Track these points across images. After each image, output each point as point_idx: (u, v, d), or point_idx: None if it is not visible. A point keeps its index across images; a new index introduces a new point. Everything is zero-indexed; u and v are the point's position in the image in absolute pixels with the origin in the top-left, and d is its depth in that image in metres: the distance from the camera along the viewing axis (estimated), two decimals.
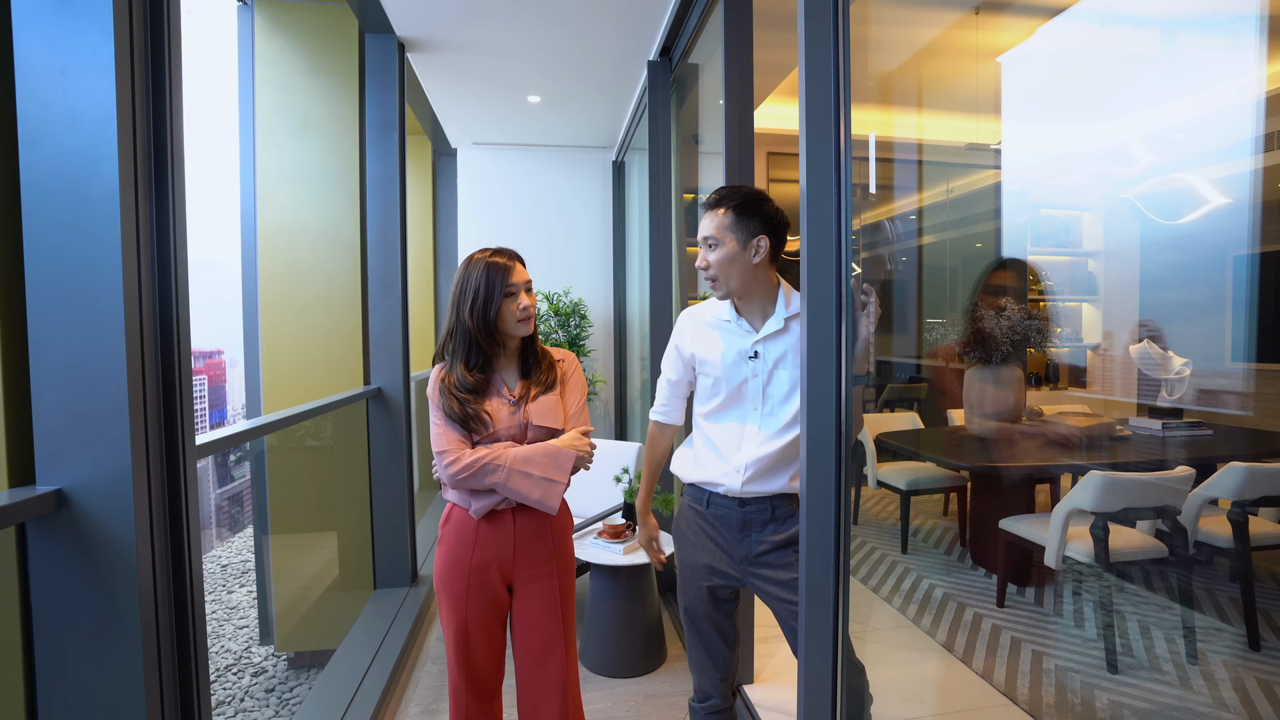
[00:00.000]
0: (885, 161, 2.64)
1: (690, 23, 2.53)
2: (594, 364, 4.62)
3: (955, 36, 2.35)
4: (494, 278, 1.40)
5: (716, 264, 1.33)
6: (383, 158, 2.85)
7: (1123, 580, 1.53)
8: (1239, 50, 1.17)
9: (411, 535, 2.98)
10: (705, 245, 1.34)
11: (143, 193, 1.03)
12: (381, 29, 2.78)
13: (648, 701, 2.20)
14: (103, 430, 0.99)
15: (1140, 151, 1.45)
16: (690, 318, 1.49)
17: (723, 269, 1.33)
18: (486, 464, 1.36)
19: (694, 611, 1.45)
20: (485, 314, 1.40)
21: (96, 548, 1.00)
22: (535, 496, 1.38)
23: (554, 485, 1.39)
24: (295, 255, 2.86)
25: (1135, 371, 1.45)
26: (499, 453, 1.38)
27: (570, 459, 1.41)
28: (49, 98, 0.96)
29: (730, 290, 1.35)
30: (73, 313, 0.98)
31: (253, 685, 3.28)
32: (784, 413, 1.34)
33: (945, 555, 2.54)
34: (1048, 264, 1.81)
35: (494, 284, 1.40)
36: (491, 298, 1.39)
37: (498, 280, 1.40)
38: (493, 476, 1.36)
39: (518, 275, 1.43)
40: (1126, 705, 1.50)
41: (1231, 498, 1.29)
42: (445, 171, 4.86)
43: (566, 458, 1.40)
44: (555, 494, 1.39)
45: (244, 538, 6.03)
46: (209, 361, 39.12)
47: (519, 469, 1.37)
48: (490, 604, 1.45)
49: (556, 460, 1.40)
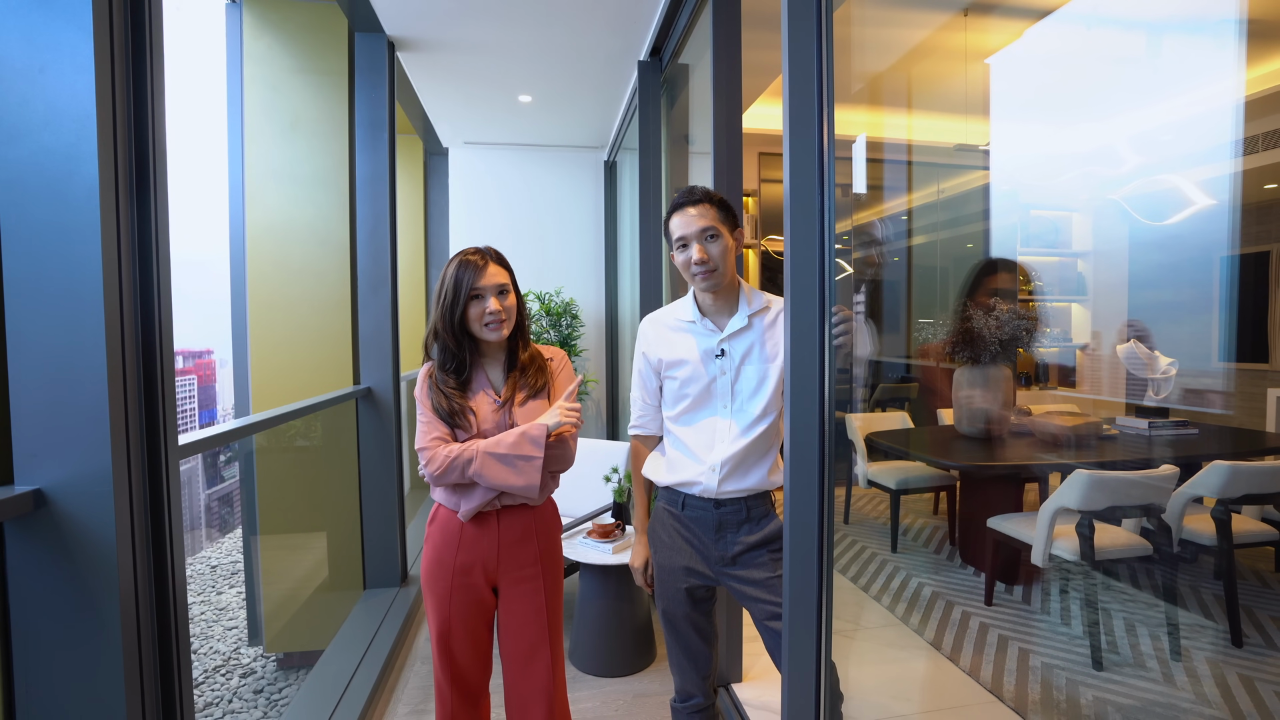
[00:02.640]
0: (876, 162, 2.65)
1: (680, 23, 2.53)
2: (585, 364, 4.62)
3: (944, 38, 2.36)
4: (461, 278, 1.38)
5: (720, 255, 1.33)
6: (372, 157, 2.84)
7: (1108, 578, 1.54)
8: (1221, 54, 1.19)
9: (401, 535, 2.97)
10: (704, 238, 1.33)
11: (124, 191, 1.02)
12: (371, 28, 2.77)
13: (637, 700, 2.20)
14: (83, 429, 0.98)
15: (1127, 153, 1.47)
16: (653, 323, 1.48)
17: (724, 260, 1.34)
18: (457, 457, 1.35)
19: (673, 614, 1.45)
20: (452, 316, 1.38)
21: (76, 549, 0.99)
22: (516, 483, 1.35)
23: (528, 463, 1.34)
24: (284, 255, 2.84)
25: (1123, 371, 1.46)
26: (472, 444, 1.37)
27: (542, 430, 1.36)
28: (26, 95, 0.95)
29: (726, 282, 1.36)
30: (51, 311, 0.97)
31: (241, 686, 3.26)
32: (753, 407, 1.35)
33: (934, 554, 2.56)
34: (1037, 264, 1.82)
35: (460, 285, 1.38)
36: (458, 300, 1.38)
37: (464, 281, 1.38)
38: (469, 467, 1.35)
39: (487, 278, 1.39)
40: (1111, 702, 1.51)
41: (1215, 496, 1.30)
42: (436, 171, 4.84)
43: (538, 429, 1.36)
44: (532, 473, 1.35)
45: (233, 538, 5.99)
46: (199, 361, 38.86)
47: (489, 451, 1.35)
48: (474, 605, 1.44)
49: (527, 433, 1.36)
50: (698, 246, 1.33)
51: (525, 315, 1.51)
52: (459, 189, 4.54)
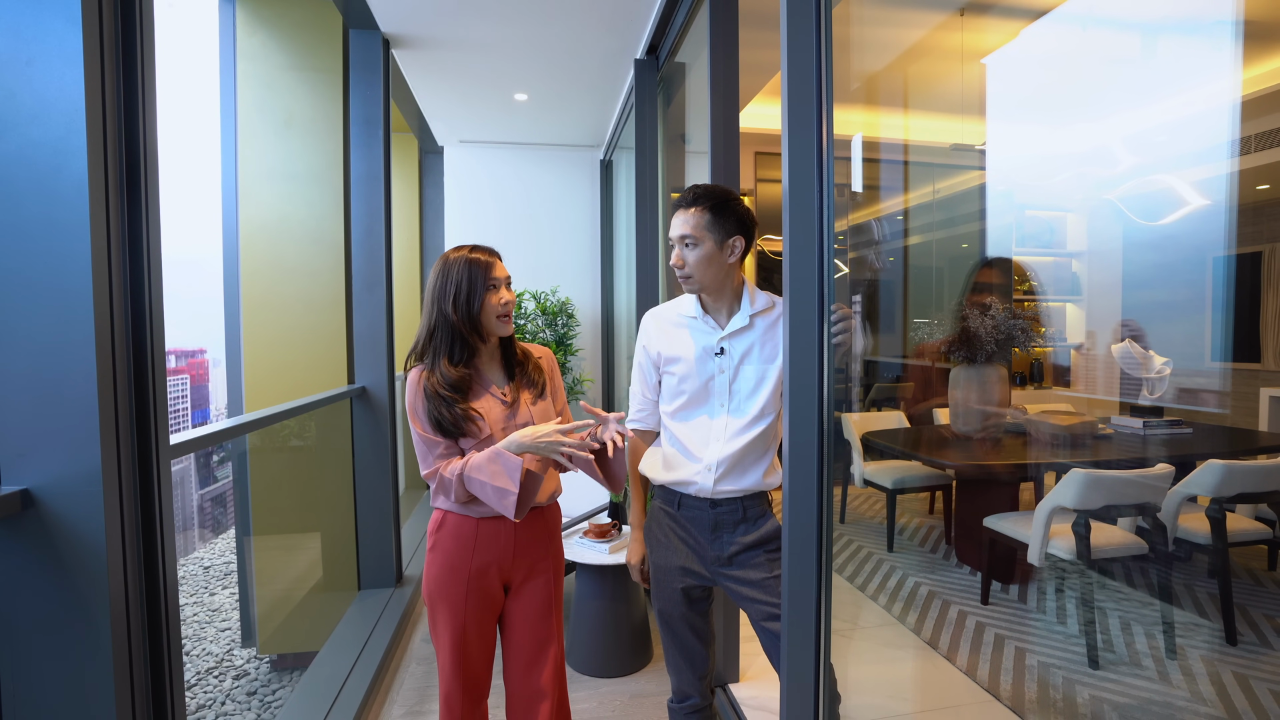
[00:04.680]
0: (872, 162, 2.66)
1: (676, 21, 2.52)
2: (581, 363, 4.61)
3: (940, 38, 2.36)
4: (476, 272, 1.39)
5: (694, 264, 1.33)
6: (367, 155, 2.82)
7: (1104, 577, 1.55)
8: (1216, 54, 1.19)
9: (396, 535, 2.95)
10: (682, 244, 1.33)
11: (114, 186, 1.01)
12: (366, 25, 2.75)
13: (634, 701, 2.20)
14: (71, 429, 0.97)
15: (1122, 153, 1.47)
16: (654, 317, 1.48)
17: (699, 268, 1.33)
18: (448, 479, 1.33)
19: (669, 614, 1.44)
20: (469, 307, 1.38)
21: (65, 550, 0.98)
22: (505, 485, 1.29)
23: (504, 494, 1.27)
24: (278, 253, 2.82)
25: (1117, 371, 1.47)
26: (467, 459, 1.33)
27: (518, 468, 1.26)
28: (13, 88, 0.93)
29: (703, 287, 1.36)
30: (39, 308, 0.96)
31: (234, 689, 3.24)
32: (750, 407, 1.34)
33: (931, 553, 2.56)
34: (1032, 264, 1.83)
35: (476, 278, 1.38)
36: (475, 291, 1.38)
37: (480, 274, 1.39)
38: (469, 486, 1.32)
39: (499, 270, 1.42)
40: (1107, 700, 1.52)
41: (1210, 495, 1.31)
42: (431, 169, 4.82)
43: (514, 468, 1.27)
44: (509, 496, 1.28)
45: (227, 539, 5.95)
46: (192, 361, 38.64)
47: (470, 474, 1.31)
48: (487, 606, 1.43)
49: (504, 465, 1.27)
50: (676, 251, 1.35)
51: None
52: (454, 188, 4.52)
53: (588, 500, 2.87)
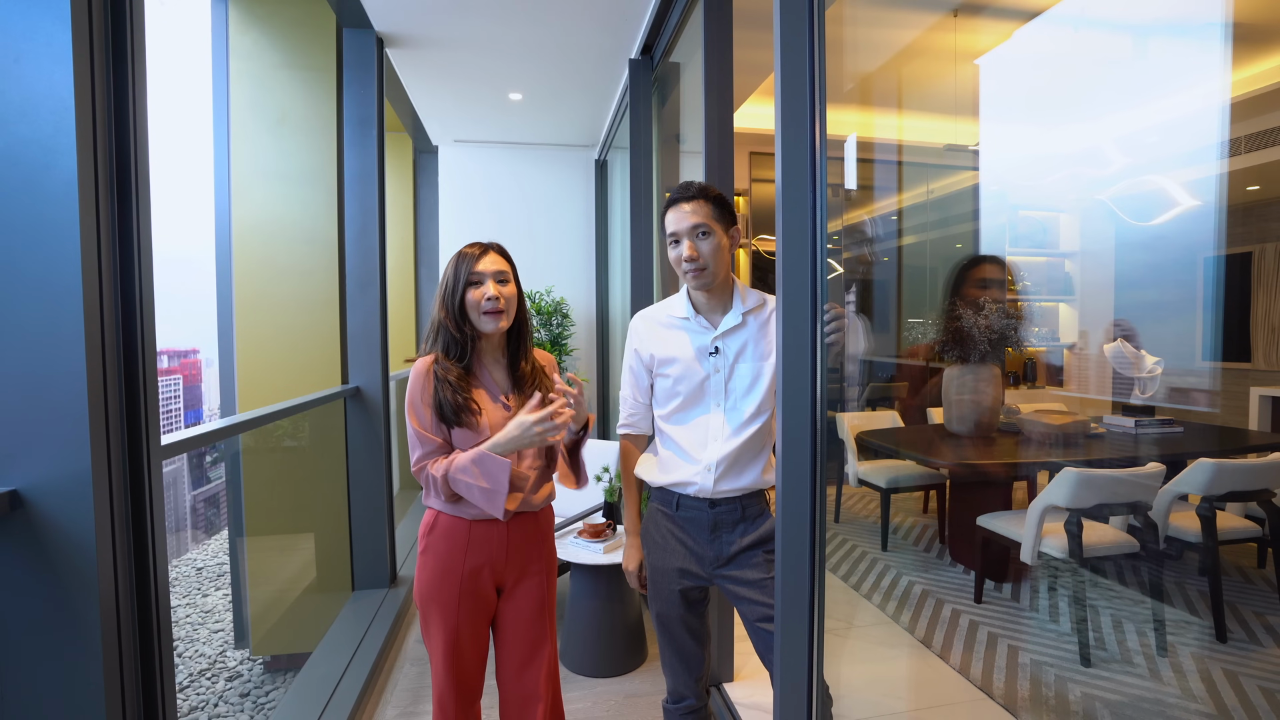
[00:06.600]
0: (866, 162, 2.66)
1: (671, 21, 2.52)
2: (576, 363, 4.60)
3: (934, 38, 2.37)
4: (460, 266, 1.38)
5: (709, 254, 1.31)
6: (361, 154, 2.81)
7: (1096, 575, 1.55)
8: (1207, 56, 1.20)
9: (390, 536, 2.94)
10: (695, 235, 1.32)
11: (103, 184, 1.00)
12: (359, 23, 2.74)
13: (628, 701, 2.20)
14: (61, 429, 0.96)
15: (1114, 154, 1.48)
16: (644, 319, 1.46)
17: (714, 259, 1.32)
18: (434, 476, 1.33)
19: (666, 616, 1.43)
20: (452, 301, 1.38)
21: (55, 552, 0.97)
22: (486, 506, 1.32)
23: (493, 495, 1.30)
24: (271, 253, 2.81)
25: (1109, 370, 1.48)
26: (452, 458, 1.33)
27: (505, 469, 1.28)
28: (1, 86, 0.92)
29: (716, 280, 1.35)
30: (28, 307, 0.95)
31: (227, 690, 3.22)
32: (746, 406, 1.34)
33: (924, 552, 2.57)
34: (1025, 264, 1.83)
35: (460, 273, 1.38)
36: (457, 284, 1.38)
37: (463, 268, 1.38)
38: (455, 487, 1.33)
39: (485, 264, 1.39)
40: (1099, 698, 1.53)
41: (1200, 493, 1.32)
42: (426, 169, 4.81)
43: (501, 469, 1.28)
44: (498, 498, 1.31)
45: (220, 540, 5.92)
46: (184, 361, 38.37)
47: (456, 475, 1.31)
48: (481, 608, 1.42)
49: (491, 467, 1.29)
50: (688, 243, 1.32)
51: (527, 320, 1.48)
52: (449, 187, 4.51)
53: (581, 500, 2.87)
